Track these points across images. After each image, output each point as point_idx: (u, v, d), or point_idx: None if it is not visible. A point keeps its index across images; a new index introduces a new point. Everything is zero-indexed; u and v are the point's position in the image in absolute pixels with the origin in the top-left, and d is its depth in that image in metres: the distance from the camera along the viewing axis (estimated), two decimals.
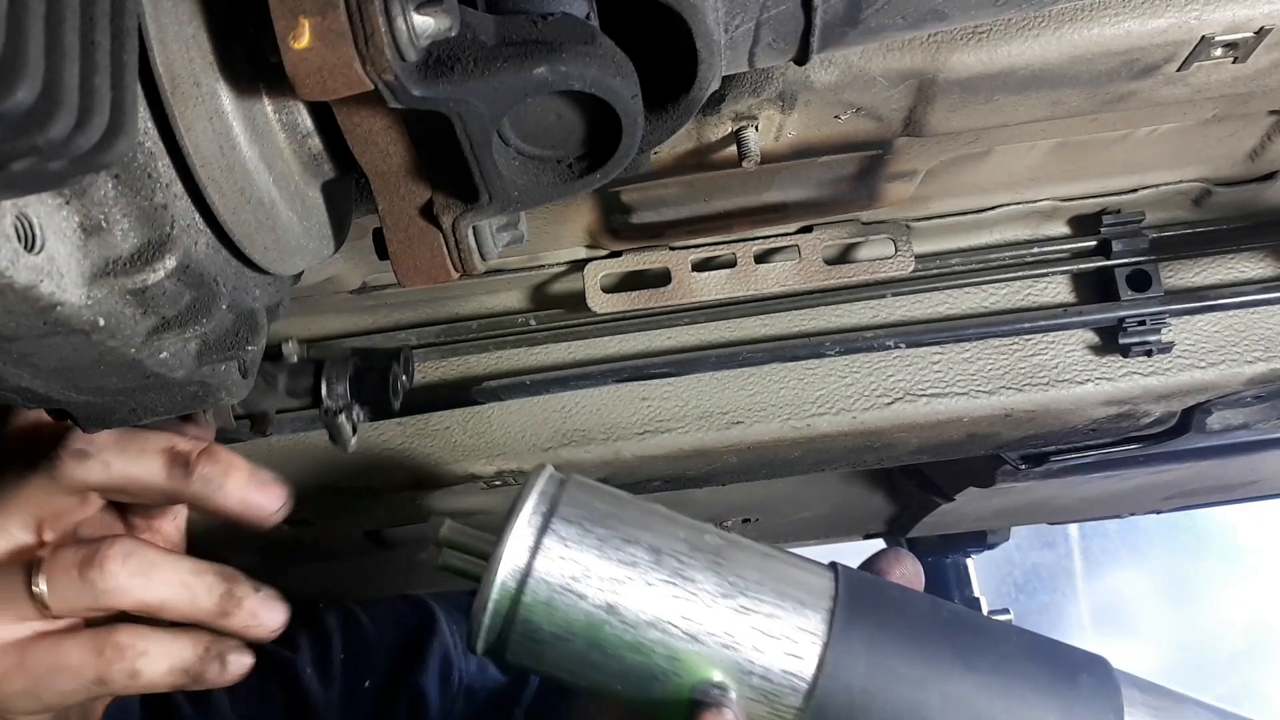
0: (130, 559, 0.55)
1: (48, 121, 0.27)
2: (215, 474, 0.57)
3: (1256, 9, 0.57)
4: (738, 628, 0.55)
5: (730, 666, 0.54)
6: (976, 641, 0.57)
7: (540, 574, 0.55)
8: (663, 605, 0.55)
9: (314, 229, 0.49)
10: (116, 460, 0.56)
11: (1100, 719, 0.54)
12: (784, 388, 0.84)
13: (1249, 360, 0.82)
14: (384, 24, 0.35)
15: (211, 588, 0.57)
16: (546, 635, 0.55)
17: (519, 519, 0.56)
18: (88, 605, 0.55)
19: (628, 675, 0.55)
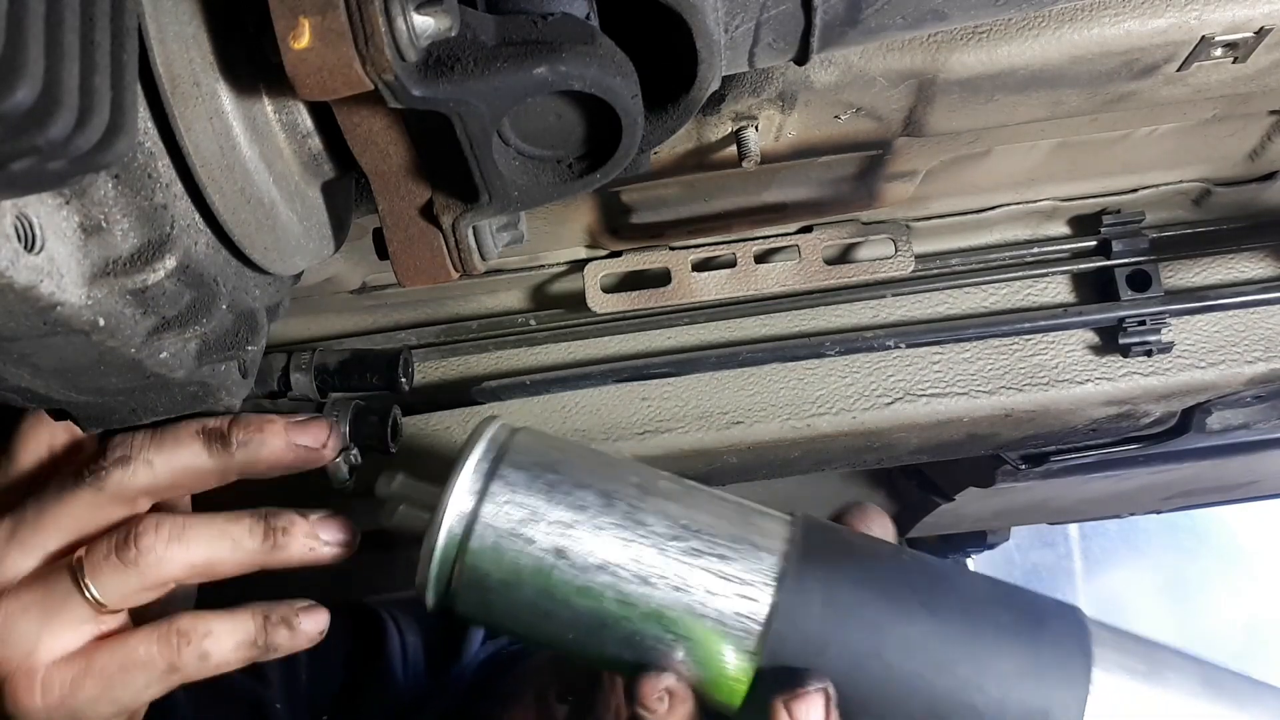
0: (161, 527, 0.54)
1: (48, 121, 0.27)
2: (253, 435, 0.57)
3: (1256, 9, 0.57)
4: (689, 570, 0.53)
5: (683, 610, 0.53)
6: (939, 585, 0.55)
7: (486, 519, 0.54)
8: (613, 549, 0.53)
9: (314, 229, 0.49)
10: (158, 457, 0.55)
11: (1067, 661, 0.53)
12: (784, 388, 0.84)
13: (1249, 360, 0.82)
14: (384, 24, 0.35)
15: (252, 528, 0.57)
16: (494, 583, 0.53)
17: (465, 466, 0.55)
18: (136, 587, 0.54)
19: (578, 622, 0.53)
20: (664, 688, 0.53)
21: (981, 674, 0.52)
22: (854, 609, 0.53)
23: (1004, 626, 0.53)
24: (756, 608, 0.53)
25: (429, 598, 0.56)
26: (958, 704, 0.52)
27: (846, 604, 0.53)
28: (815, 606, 0.53)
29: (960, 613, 0.54)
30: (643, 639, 0.53)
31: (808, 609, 0.53)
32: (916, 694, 0.52)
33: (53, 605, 0.54)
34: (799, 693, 0.51)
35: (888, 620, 0.53)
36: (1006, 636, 0.53)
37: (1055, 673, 0.52)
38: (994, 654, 0.52)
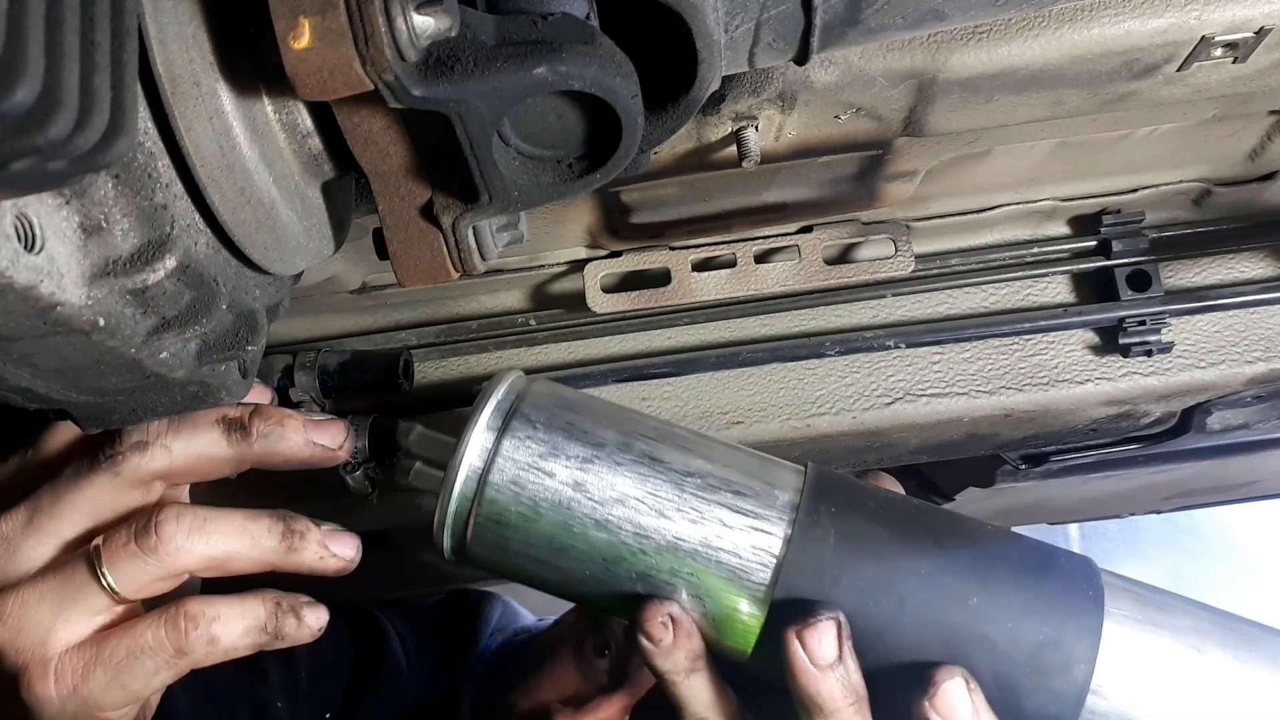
0: (183, 518, 0.54)
1: (48, 121, 0.27)
2: (273, 428, 0.58)
3: (1256, 9, 0.57)
4: (705, 505, 0.54)
5: (698, 543, 0.53)
6: (949, 523, 0.56)
7: (507, 453, 0.54)
8: (630, 484, 0.54)
9: (314, 229, 0.49)
10: (176, 443, 0.56)
11: (1079, 594, 0.53)
12: (784, 388, 0.84)
13: (1249, 360, 0.82)
14: (384, 24, 0.35)
15: (270, 527, 0.57)
16: (513, 518, 0.54)
17: (487, 405, 0.56)
18: (154, 576, 0.54)
19: (594, 557, 0.54)
20: (666, 613, 0.53)
21: (994, 605, 0.52)
22: (866, 542, 0.53)
23: (1015, 562, 0.54)
24: (770, 540, 0.53)
25: (445, 539, 0.56)
26: (971, 634, 0.52)
27: (859, 537, 0.53)
28: (828, 539, 0.53)
29: (971, 548, 0.54)
30: (657, 574, 0.54)
31: (821, 542, 0.53)
32: (929, 625, 0.52)
33: (68, 594, 0.54)
34: (810, 621, 0.52)
35: (900, 553, 0.53)
36: (1018, 571, 0.53)
37: (1068, 605, 0.53)
38: (1006, 587, 0.53)
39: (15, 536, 0.55)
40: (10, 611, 0.54)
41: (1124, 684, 0.52)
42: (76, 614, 0.54)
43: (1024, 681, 0.52)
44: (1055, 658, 0.52)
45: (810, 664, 0.51)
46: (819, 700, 0.52)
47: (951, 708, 0.51)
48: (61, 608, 0.54)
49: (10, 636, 0.54)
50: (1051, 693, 0.52)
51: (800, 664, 0.51)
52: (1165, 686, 0.52)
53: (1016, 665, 0.52)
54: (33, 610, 0.54)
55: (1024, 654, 0.52)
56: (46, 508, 0.55)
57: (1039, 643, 0.52)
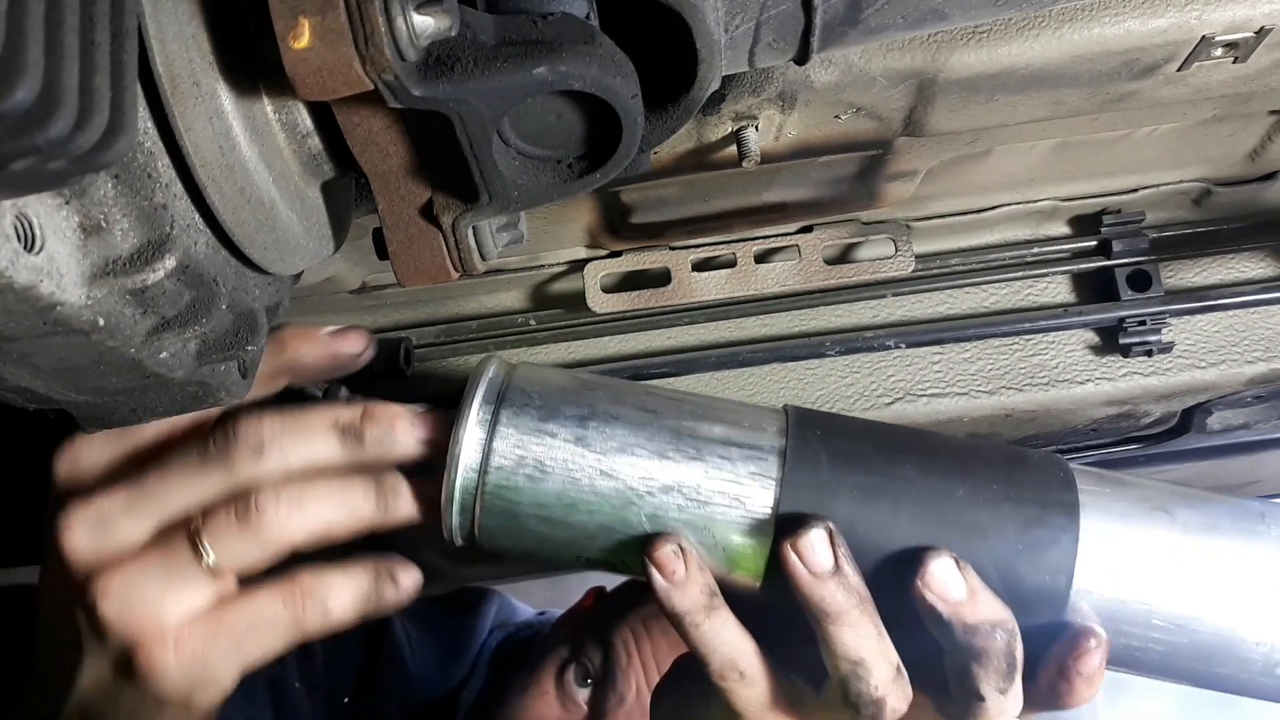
0: (282, 496, 0.55)
1: (48, 121, 0.27)
2: (384, 431, 0.58)
3: (1256, 9, 0.57)
4: (702, 443, 0.57)
5: (700, 476, 0.56)
6: (927, 435, 0.60)
7: (508, 421, 0.56)
8: (628, 432, 0.57)
9: (314, 229, 0.49)
10: (293, 449, 0.56)
11: (1051, 476, 0.57)
12: (784, 388, 0.84)
13: (1249, 360, 0.82)
14: (384, 24, 0.35)
15: (365, 493, 0.57)
16: (521, 480, 0.56)
17: (480, 384, 0.58)
18: (256, 553, 0.55)
19: (603, 508, 0.56)
20: (675, 544, 0.54)
21: (979, 494, 0.56)
22: (855, 456, 0.57)
23: (990, 457, 0.58)
24: (767, 465, 0.56)
25: (454, 517, 0.57)
26: (963, 524, 0.55)
27: (848, 453, 0.57)
28: (820, 458, 0.56)
29: (950, 451, 0.58)
30: (665, 514, 0.56)
31: (814, 461, 0.56)
32: (923, 521, 0.55)
33: (173, 570, 0.55)
34: (801, 532, 0.53)
35: (887, 462, 0.57)
36: (995, 464, 0.58)
37: (1045, 486, 0.57)
38: (987, 478, 0.57)
39: (114, 515, 0.55)
40: (115, 587, 0.54)
41: (1108, 547, 0.56)
42: (185, 589, 0.55)
43: (1019, 560, 0.55)
44: (1042, 532, 0.55)
45: (809, 573, 0.53)
46: (825, 606, 0.53)
47: (943, 584, 0.53)
48: (169, 583, 0.54)
49: (118, 610, 0.54)
50: (1047, 565, 0.55)
51: (800, 575, 0.53)
52: (1144, 545, 0.56)
53: (1009, 546, 0.55)
54: (139, 585, 0.54)
55: (1014, 534, 0.55)
56: (151, 491, 0.56)
57: (1026, 520, 0.55)
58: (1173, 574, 0.56)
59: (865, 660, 0.53)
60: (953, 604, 0.53)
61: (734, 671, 0.56)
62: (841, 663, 0.54)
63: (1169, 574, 0.56)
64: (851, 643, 0.53)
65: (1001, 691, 0.54)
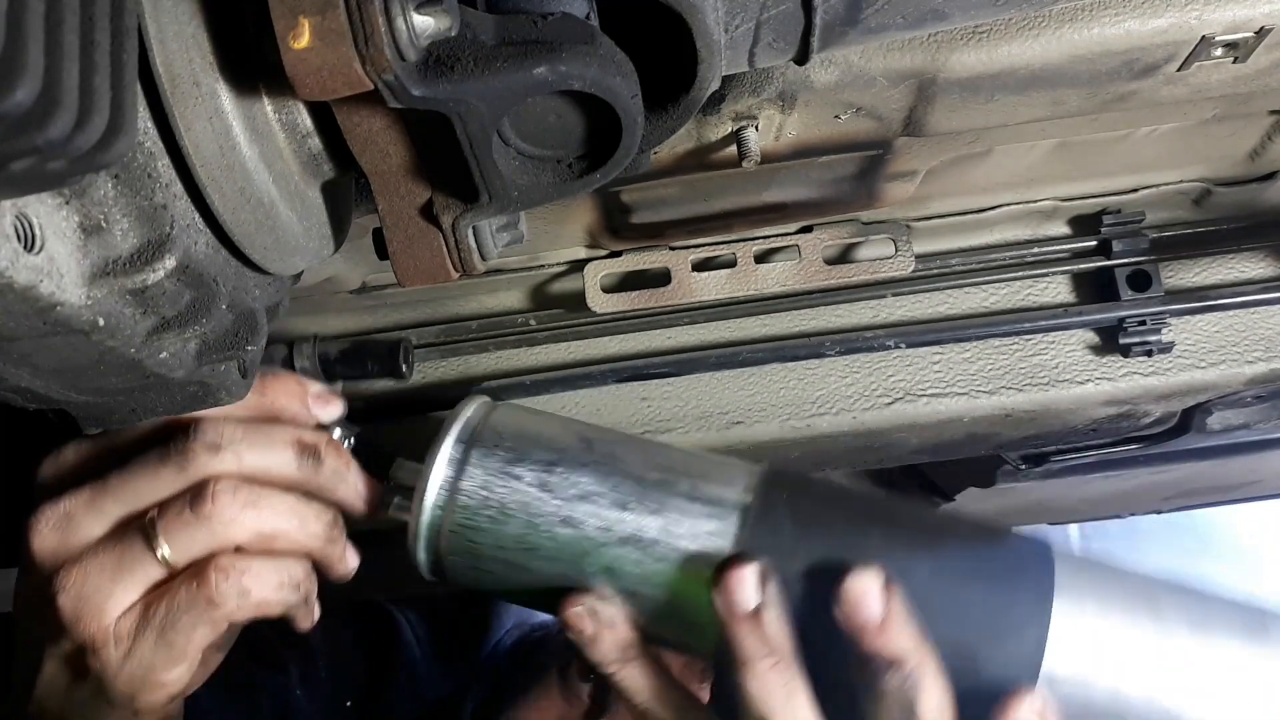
0: (239, 491, 0.55)
1: (47, 121, 0.27)
2: (341, 466, 0.59)
3: (1256, 9, 0.57)
4: (664, 496, 0.57)
5: (658, 531, 0.56)
6: (900, 506, 0.58)
7: (476, 462, 0.58)
8: (592, 480, 0.57)
9: (314, 229, 0.49)
10: (250, 453, 0.56)
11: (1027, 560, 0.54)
12: (784, 388, 0.84)
13: (1249, 360, 0.82)
14: (384, 24, 0.35)
15: (320, 514, 0.58)
16: (483, 521, 0.57)
17: (455, 424, 0.59)
18: (205, 545, 0.55)
19: (562, 554, 0.56)
20: (588, 604, 0.55)
21: (945, 575, 0.53)
22: (820, 524, 0.55)
23: (963, 536, 0.56)
24: (727, 525, 0.56)
25: (420, 551, 0.59)
26: (924, 605, 0.52)
27: (813, 519, 0.56)
28: (784, 522, 0.55)
29: (920, 525, 0.56)
30: (622, 565, 0.56)
31: (776, 524, 0.55)
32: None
33: (125, 562, 0.55)
34: (733, 566, 0.53)
35: (852, 532, 0.55)
36: (966, 544, 0.55)
37: (1018, 571, 0.54)
38: (956, 558, 0.54)
39: (76, 513, 0.56)
40: (73, 581, 0.55)
41: (1079, 643, 0.52)
42: (132, 581, 0.55)
43: (980, 647, 0.52)
44: (1008, 621, 0.52)
45: (729, 609, 0.52)
46: (736, 647, 0.52)
47: (855, 600, 0.51)
48: (118, 575, 0.55)
49: (73, 605, 0.54)
50: (1008, 655, 0.52)
51: (719, 609, 0.52)
52: (1121, 645, 0.52)
53: (971, 632, 0.52)
54: (93, 579, 0.55)
55: (978, 621, 0.52)
56: (112, 490, 0.56)
57: (992, 608, 0.52)
58: (1147, 679, 0.52)
59: (770, 717, 0.51)
60: (857, 624, 0.50)
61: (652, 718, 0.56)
62: (746, 714, 0.52)
63: (1143, 678, 0.52)
64: (756, 694, 0.51)
65: None
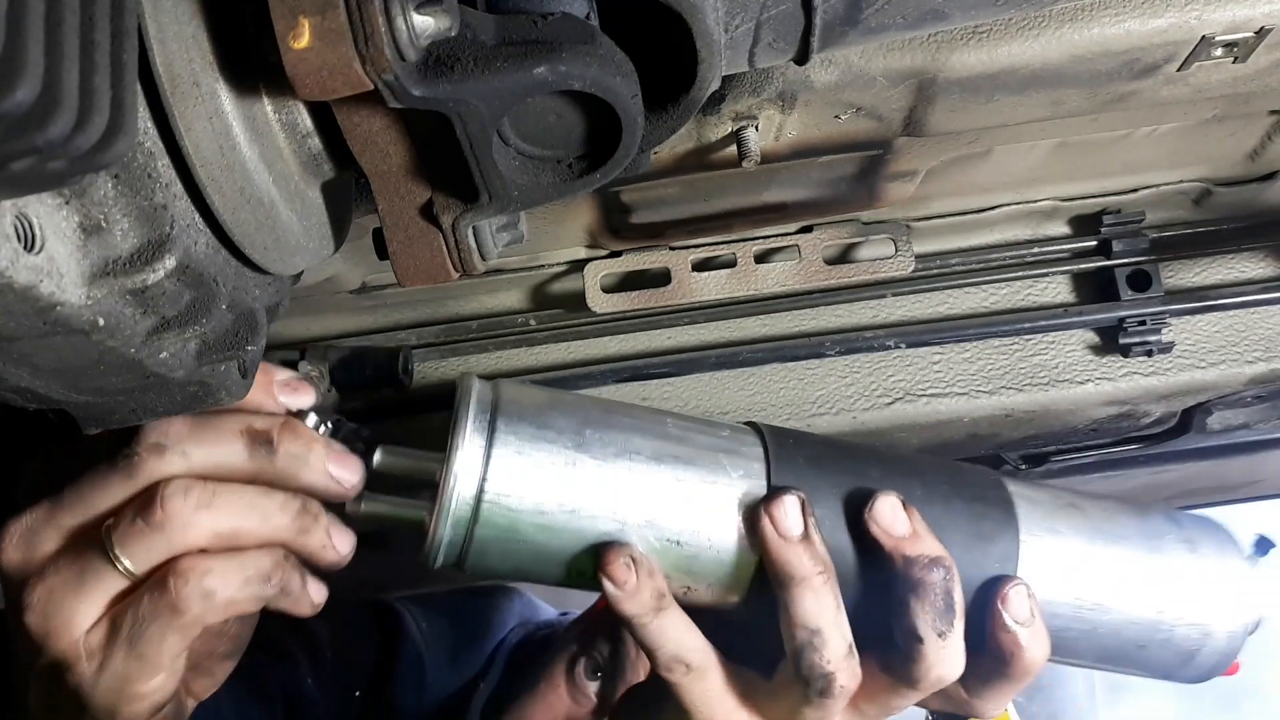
0: (190, 492, 0.53)
1: (48, 121, 0.27)
2: (299, 449, 0.56)
3: (1256, 9, 0.57)
4: (694, 449, 0.59)
5: (697, 480, 0.58)
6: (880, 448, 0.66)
7: (506, 429, 0.56)
8: (624, 439, 0.58)
9: (314, 229, 0.49)
10: (196, 449, 0.55)
11: (988, 479, 0.64)
12: (784, 388, 0.84)
13: (1249, 360, 0.82)
14: (384, 24, 0.35)
15: (284, 504, 0.56)
16: (523, 489, 0.56)
17: (471, 398, 0.57)
18: (164, 552, 0.53)
19: (601, 510, 0.56)
20: (629, 555, 0.56)
21: (933, 491, 0.61)
22: (828, 459, 0.61)
23: (936, 464, 0.64)
24: (754, 468, 0.59)
25: (445, 530, 0.56)
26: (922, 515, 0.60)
27: (822, 457, 0.61)
28: (798, 461, 0.60)
29: (903, 459, 0.64)
30: (663, 517, 0.57)
31: (793, 463, 0.60)
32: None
33: (86, 576, 0.54)
34: (776, 498, 0.57)
35: (856, 465, 0.61)
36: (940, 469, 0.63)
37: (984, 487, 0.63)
38: (936, 479, 0.62)
39: (36, 528, 0.55)
40: (38, 599, 0.54)
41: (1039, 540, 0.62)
42: (94, 594, 0.54)
43: (973, 549, 0.60)
44: (989, 525, 0.61)
45: (779, 536, 0.56)
46: (790, 570, 0.56)
47: (889, 519, 0.58)
48: (80, 589, 0.54)
49: (40, 621, 0.54)
50: (995, 553, 0.61)
51: (771, 538, 0.56)
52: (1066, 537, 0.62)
53: (964, 537, 0.60)
54: (55, 594, 0.54)
55: (966, 525, 0.61)
56: (66, 503, 0.55)
57: (974, 514, 0.61)
58: (1093, 564, 0.62)
59: (822, 630, 0.55)
60: (896, 538, 0.57)
61: (680, 665, 0.57)
62: (799, 630, 0.55)
63: (1091, 564, 0.62)
64: (812, 609, 0.55)
65: (940, 634, 0.56)
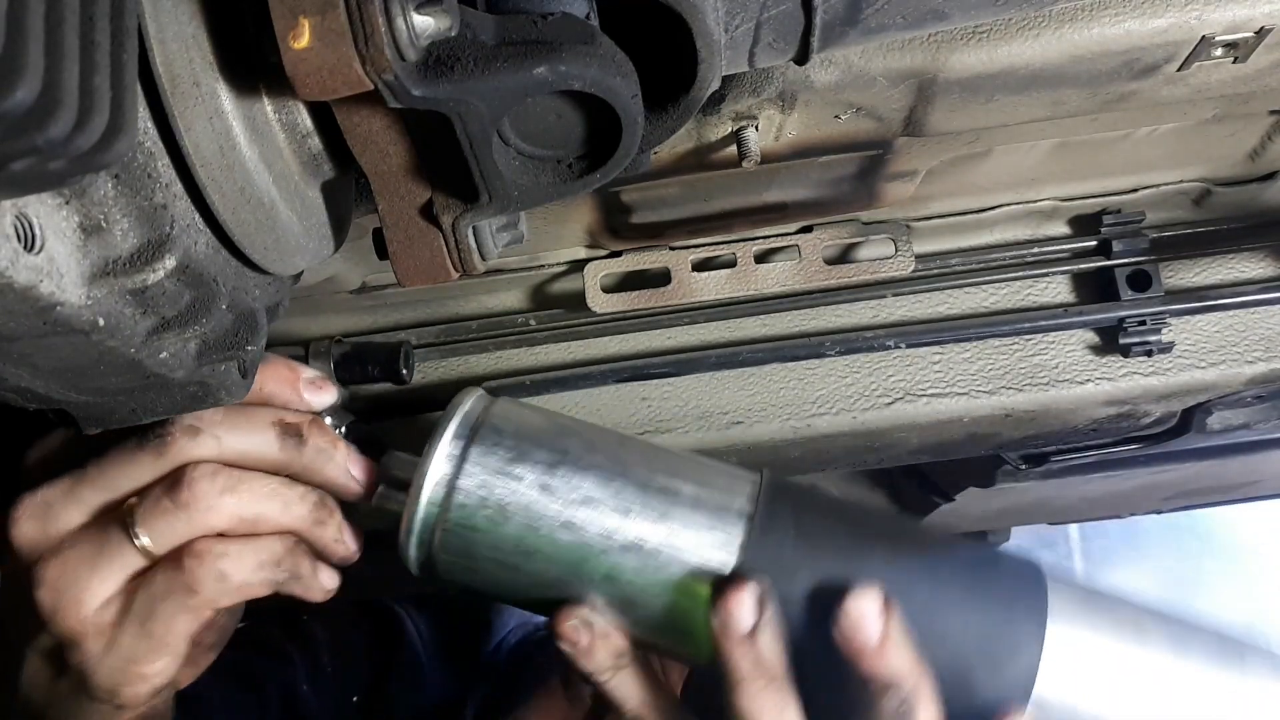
0: (217, 476, 0.54)
1: (48, 121, 0.27)
2: (326, 445, 0.58)
3: (1256, 9, 0.57)
4: (667, 504, 0.56)
5: (660, 541, 0.55)
6: (901, 525, 0.58)
7: (475, 459, 0.56)
8: (595, 485, 0.56)
9: (314, 229, 0.49)
10: (229, 435, 0.55)
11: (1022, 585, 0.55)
12: (784, 388, 0.84)
13: (1249, 360, 0.82)
14: (384, 24, 0.35)
15: (304, 495, 0.57)
16: (481, 521, 0.55)
17: (455, 416, 0.57)
18: (185, 533, 0.54)
19: (560, 558, 0.55)
20: (580, 616, 0.55)
21: (942, 597, 0.54)
22: (822, 539, 0.55)
23: (961, 559, 0.56)
24: (730, 537, 0.55)
25: (412, 548, 0.57)
26: (921, 627, 0.53)
27: (815, 535, 0.55)
28: (786, 536, 0.55)
29: (920, 546, 0.56)
30: (621, 573, 0.55)
31: (779, 538, 0.55)
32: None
33: (103, 553, 0.54)
34: (732, 588, 0.53)
35: (854, 550, 0.55)
36: (964, 566, 0.56)
37: (1013, 595, 0.55)
38: (953, 580, 0.55)
39: (55, 502, 0.55)
40: (51, 574, 0.54)
41: (1071, 669, 0.53)
42: (111, 571, 0.54)
43: (975, 671, 0.53)
44: (1002, 645, 0.53)
45: (725, 630, 0.52)
46: (730, 667, 0.52)
47: (855, 622, 0.52)
48: (96, 566, 0.54)
49: (53, 599, 0.54)
50: (1001, 678, 0.53)
51: (718, 629, 0.53)
52: (1111, 671, 0.53)
53: (967, 655, 0.53)
54: (71, 571, 0.54)
55: (973, 643, 0.53)
56: (90, 478, 0.55)
57: (986, 632, 0.53)
58: (1135, 704, 0.53)
59: None
60: (855, 646, 0.51)
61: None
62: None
63: (1131, 704, 0.53)
64: (751, 709, 0.52)
65: None
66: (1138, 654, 0.54)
